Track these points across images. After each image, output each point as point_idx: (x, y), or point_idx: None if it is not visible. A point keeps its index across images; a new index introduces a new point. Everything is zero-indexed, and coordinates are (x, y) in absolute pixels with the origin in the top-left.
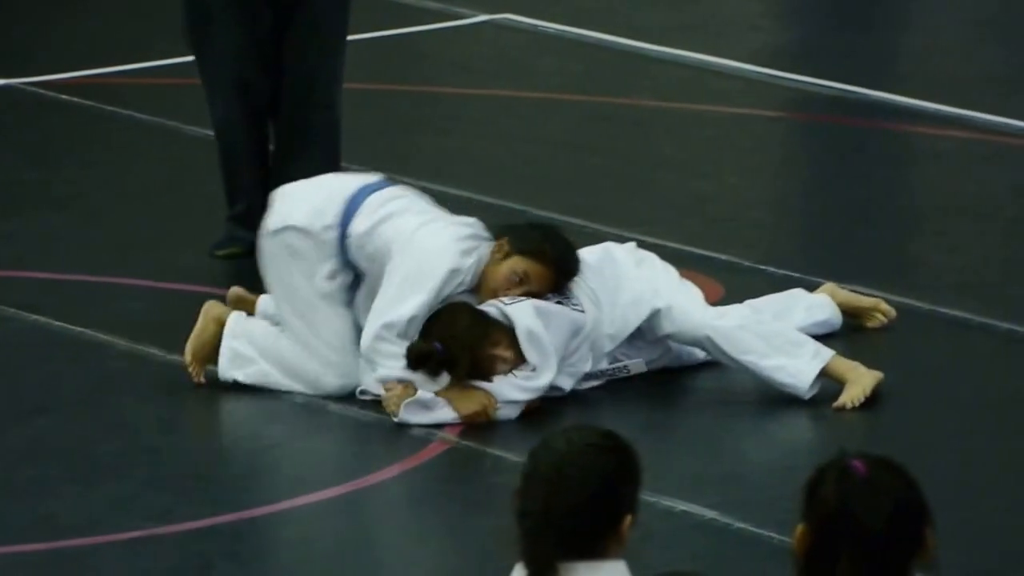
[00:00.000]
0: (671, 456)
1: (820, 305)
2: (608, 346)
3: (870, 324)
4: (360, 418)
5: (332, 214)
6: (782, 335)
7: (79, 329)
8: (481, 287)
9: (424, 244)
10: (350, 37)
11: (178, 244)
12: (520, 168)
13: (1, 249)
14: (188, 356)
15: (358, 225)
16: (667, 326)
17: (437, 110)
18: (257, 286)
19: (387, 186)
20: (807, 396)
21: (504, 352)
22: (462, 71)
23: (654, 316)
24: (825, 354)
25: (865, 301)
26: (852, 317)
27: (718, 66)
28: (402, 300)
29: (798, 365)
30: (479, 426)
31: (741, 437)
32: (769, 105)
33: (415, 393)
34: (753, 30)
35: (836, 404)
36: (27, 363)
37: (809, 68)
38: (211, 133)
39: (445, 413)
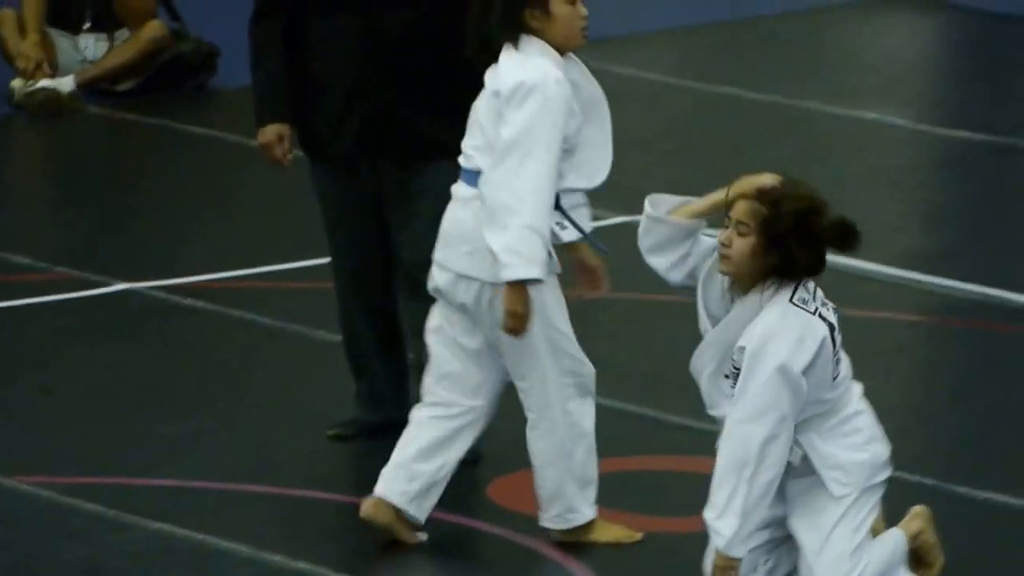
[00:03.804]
0: None
1: None
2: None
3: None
4: None
5: None
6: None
7: (201, 536)
8: (555, 46)
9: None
10: None
11: (305, 451)
12: (658, 371)
13: (128, 456)
14: None
15: None
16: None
17: (578, 311)
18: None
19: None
20: None
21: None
22: None
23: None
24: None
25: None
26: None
27: (860, 269)
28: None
29: None
30: None
31: None
32: (911, 309)
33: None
34: (897, 232)
35: None
36: (145, 572)
37: (952, 271)
38: (335, 337)
39: None
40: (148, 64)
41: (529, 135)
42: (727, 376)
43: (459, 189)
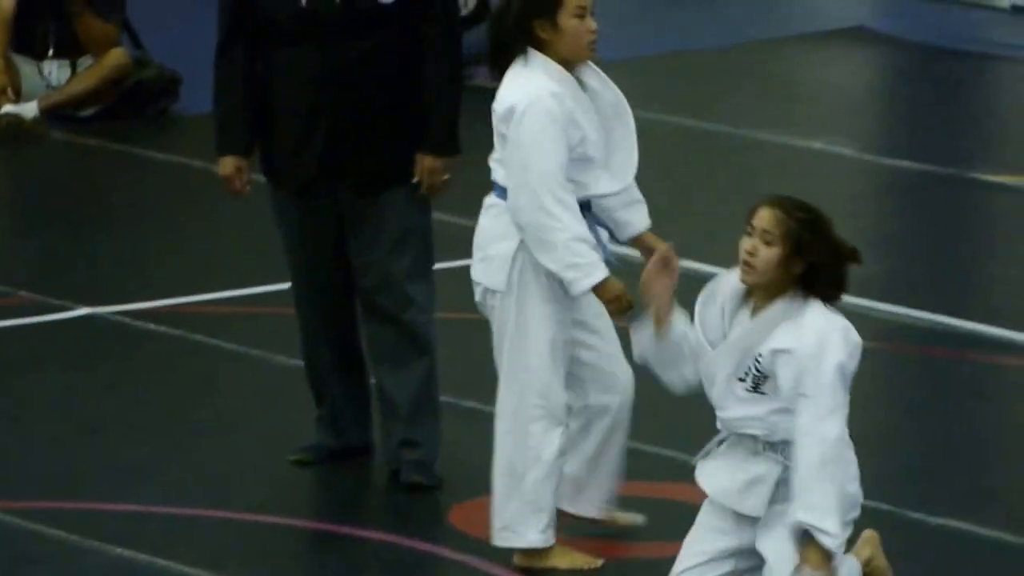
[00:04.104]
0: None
1: None
2: None
3: None
4: None
5: None
6: None
7: (163, 562)
8: (563, 58)
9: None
10: (440, 265)
11: (267, 476)
12: None
13: (91, 481)
14: None
15: None
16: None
17: None
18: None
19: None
20: None
21: None
22: None
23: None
24: None
25: None
26: None
27: None
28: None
29: None
30: None
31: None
32: (863, 336)
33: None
34: None
35: None
36: None
37: (900, 298)
38: (297, 363)
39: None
40: (111, 90)
41: (534, 155)
42: (741, 379)
43: (487, 198)
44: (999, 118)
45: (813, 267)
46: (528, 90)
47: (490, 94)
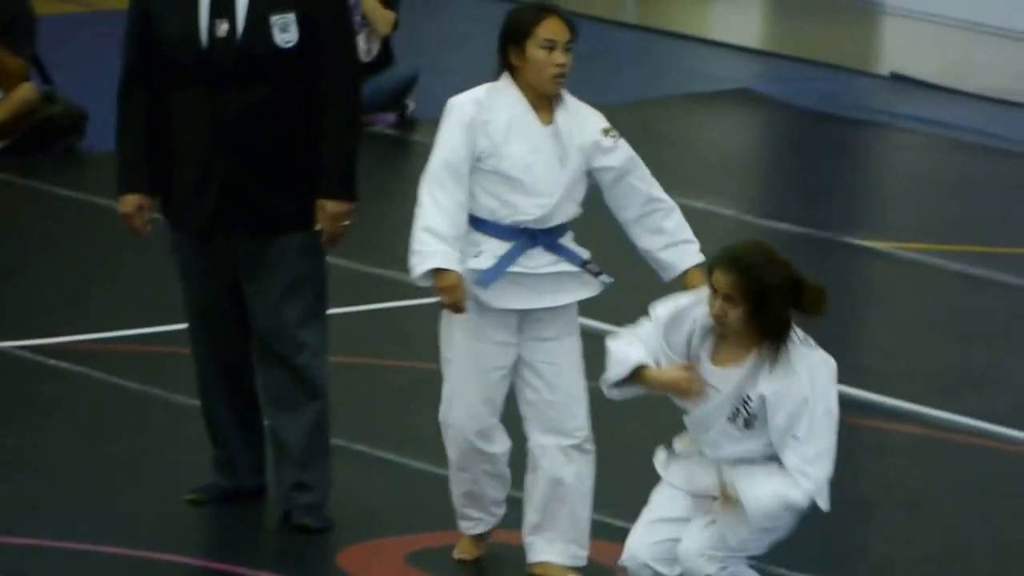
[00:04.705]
0: None
1: None
2: None
3: None
4: None
5: None
6: None
7: None
8: (529, 86)
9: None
10: (336, 310)
11: (161, 514)
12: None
13: None
14: None
15: None
16: None
17: (425, 385)
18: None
19: None
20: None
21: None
22: None
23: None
24: None
25: None
26: None
27: None
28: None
29: None
30: None
31: None
32: None
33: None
34: None
35: None
36: None
37: None
38: (195, 402)
39: None
40: (19, 124)
41: (434, 149)
42: (731, 420)
43: None
44: (876, 184)
45: (779, 318)
46: (463, 95)
47: (391, 140)
